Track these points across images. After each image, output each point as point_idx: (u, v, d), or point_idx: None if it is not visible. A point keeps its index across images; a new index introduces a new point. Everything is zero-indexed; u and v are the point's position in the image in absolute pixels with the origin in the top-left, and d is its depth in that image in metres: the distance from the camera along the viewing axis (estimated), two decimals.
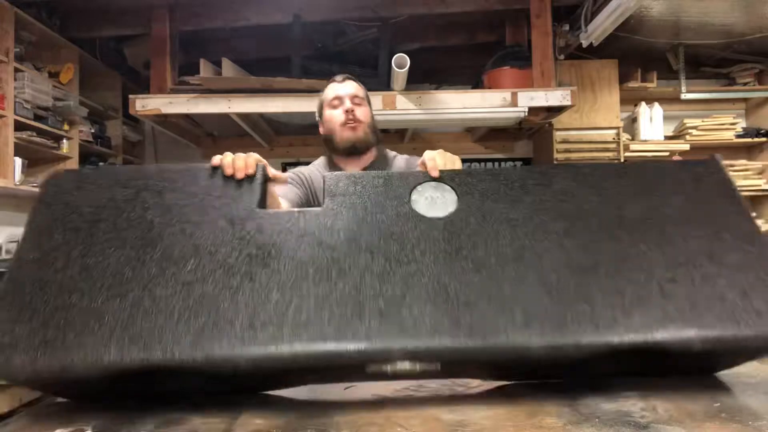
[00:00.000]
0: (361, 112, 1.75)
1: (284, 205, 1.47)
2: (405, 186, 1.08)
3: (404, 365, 0.89)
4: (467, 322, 0.90)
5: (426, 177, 1.09)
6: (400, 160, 1.85)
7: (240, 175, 1.08)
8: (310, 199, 1.78)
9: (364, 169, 1.76)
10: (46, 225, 1.00)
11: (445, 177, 1.10)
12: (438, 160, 1.18)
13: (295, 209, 1.08)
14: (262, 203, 1.07)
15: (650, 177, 1.09)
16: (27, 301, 0.92)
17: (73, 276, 0.94)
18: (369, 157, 1.79)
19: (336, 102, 1.76)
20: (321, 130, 1.82)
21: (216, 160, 1.10)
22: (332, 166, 1.80)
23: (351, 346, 0.88)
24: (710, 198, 1.05)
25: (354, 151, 1.75)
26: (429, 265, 0.96)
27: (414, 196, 1.07)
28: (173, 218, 1.01)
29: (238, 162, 1.09)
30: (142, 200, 1.03)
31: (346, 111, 1.72)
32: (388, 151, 1.89)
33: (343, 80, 1.80)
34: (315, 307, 0.91)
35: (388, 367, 0.89)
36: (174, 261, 0.96)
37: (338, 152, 1.77)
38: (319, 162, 1.86)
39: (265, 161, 1.14)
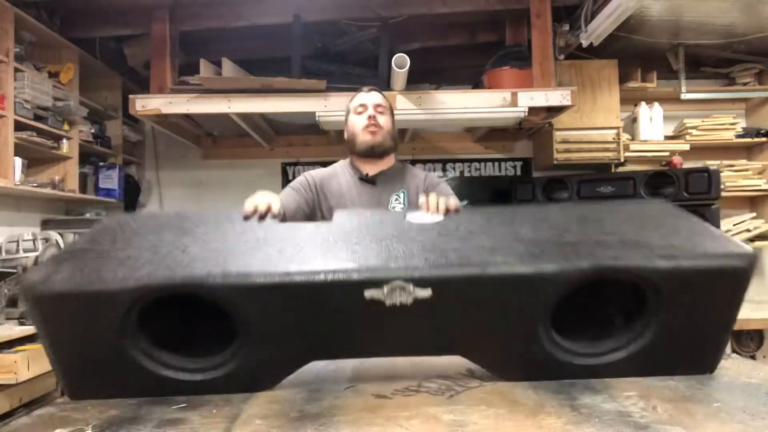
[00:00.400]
0: (383, 120, 1.92)
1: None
2: (401, 214, 1.35)
3: (398, 284, 1.00)
4: (456, 258, 1.05)
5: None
6: (419, 173, 2.02)
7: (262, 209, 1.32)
8: (315, 202, 1.92)
9: (381, 172, 1.94)
10: (99, 229, 1.26)
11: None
12: (432, 201, 1.36)
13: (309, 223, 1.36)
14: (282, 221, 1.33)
15: (604, 206, 1.38)
16: (75, 255, 1.11)
17: (116, 246, 1.14)
18: (387, 162, 1.96)
19: (360, 109, 1.94)
20: (345, 134, 2.01)
21: (248, 207, 1.33)
22: (352, 167, 1.97)
23: (355, 272, 1.01)
24: (658, 212, 1.27)
25: (371, 153, 1.91)
26: (423, 240, 1.13)
27: (408, 216, 1.27)
28: (204, 227, 1.23)
29: (260, 206, 1.32)
30: (181, 219, 1.26)
31: (369, 117, 1.90)
32: (406, 162, 2.10)
33: (369, 91, 1.99)
34: (321, 253, 1.09)
35: (385, 290, 0.99)
36: (202, 240, 1.15)
37: (358, 154, 1.94)
38: (343, 162, 2.04)
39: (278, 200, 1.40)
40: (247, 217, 1.29)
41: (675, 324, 1.06)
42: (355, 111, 1.95)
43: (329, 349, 1.09)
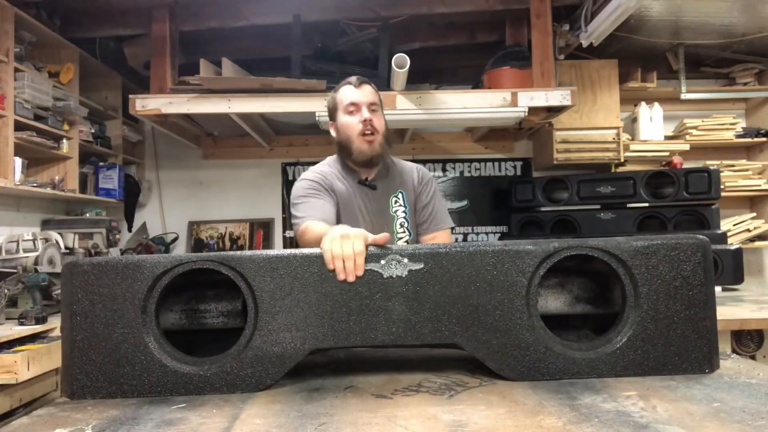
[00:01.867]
0: (378, 122, 1.75)
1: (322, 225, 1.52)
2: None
3: (394, 257, 1.12)
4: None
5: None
6: (410, 168, 1.90)
7: (351, 278, 1.11)
8: (336, 200, 1.77)
9: (378, 175, 1.82)
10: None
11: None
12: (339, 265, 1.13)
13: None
14: None
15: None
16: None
17: None
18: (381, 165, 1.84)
19: (352, 108, 1.75)
20: (333, 133, 1.83)
21: (329, 262, 1.12)
22: (347, 168, 1.82)
23: None
24: None
25: (369, 164, 1.78)
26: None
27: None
28: None
29: (348, 264, 1.11)
30: None
31: (364, 121, 1.72)
32: (392, 158, 1.92)
33: (360, 85, 1.77)
34: None
35: (382, 262, 1.11)
36: None
37: (355, 162, 1.79)
38: (332, 162, 1.86)
39: (366, 238, 1.16)
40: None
41: (654, 310, 1.12)
42: (346, 110, 1.76)
43: (334, 333, 1.11)
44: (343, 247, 1.11)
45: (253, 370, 1.09)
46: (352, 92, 1.76)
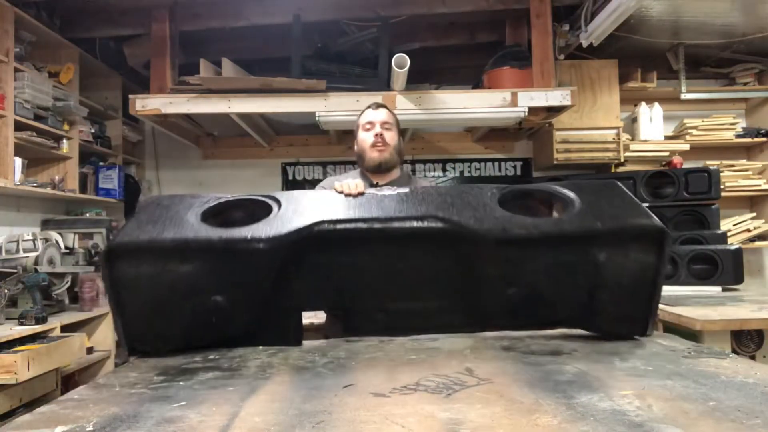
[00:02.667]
0: (389, 136, 2.08)
1: None
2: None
3: (388, 188, 1.70)
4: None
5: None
6: (424, 184, 2.16)
7: (354, 192, 1.64)
8: None
9: (390, 182, 2.08)
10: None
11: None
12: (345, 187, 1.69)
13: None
14: None
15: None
16: None
17: None
18: (394, 173, 2.13)
19: (368, 126, 2.09)
20: (355, 148, 2.17)
21: (337, 187, 1.69)
22: (362, 175, 2.12)
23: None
24: None
25: (379, 169, 2.07)
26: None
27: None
28: None
29: (351, 187, 1.66)
30: None
31: (376, 135, 2.05)
32: (410, 173, 2.20)
33: (377, 108, 2.14)
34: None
35: (377, 190, 1.68)
36: None
37: (367, 169, 2.09)
38: (352, 172, 2.23)
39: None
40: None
41: (593, 205, 1.54)
42: (363, 128, 2.09)
43: (338, 213, 1.50)
44: (347, 180, 1.68)
45: (268, 232, 1.41)
46: (370, 114, 2.12)
